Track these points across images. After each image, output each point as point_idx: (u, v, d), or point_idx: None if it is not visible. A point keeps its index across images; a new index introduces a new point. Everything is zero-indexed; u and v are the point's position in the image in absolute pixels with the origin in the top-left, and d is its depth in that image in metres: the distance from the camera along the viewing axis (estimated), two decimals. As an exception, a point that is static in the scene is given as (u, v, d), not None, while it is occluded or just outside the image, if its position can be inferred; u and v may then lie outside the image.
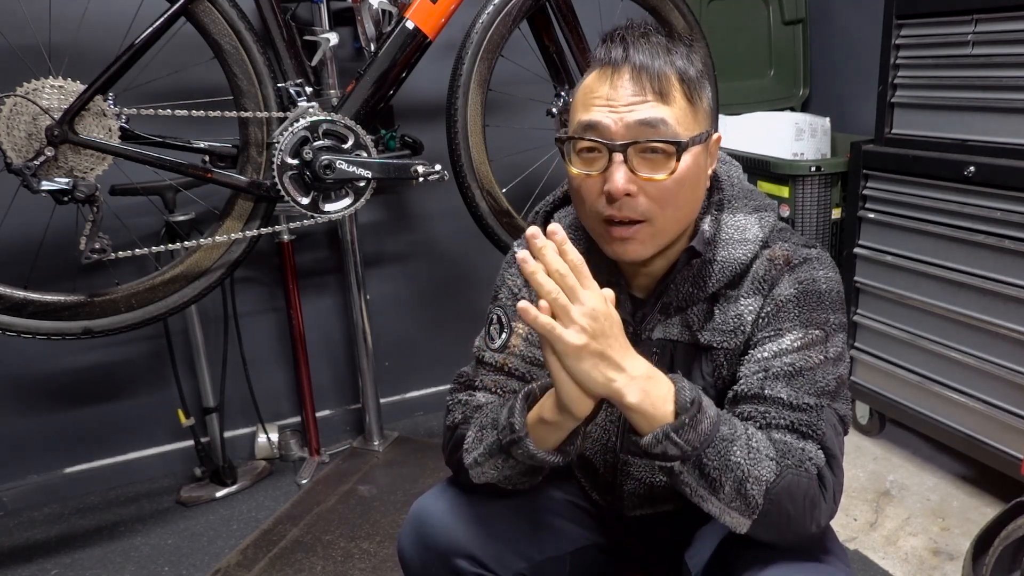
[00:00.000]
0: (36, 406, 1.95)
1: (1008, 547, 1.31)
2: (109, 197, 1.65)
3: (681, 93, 0.85)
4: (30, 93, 1.36)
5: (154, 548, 1.78)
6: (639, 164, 0.83)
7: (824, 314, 0.88)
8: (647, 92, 0.83)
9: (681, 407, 0.77)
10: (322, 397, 2.20)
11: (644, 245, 0.87)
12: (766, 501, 0.78)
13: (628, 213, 0.85)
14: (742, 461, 0.78)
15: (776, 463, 0.79)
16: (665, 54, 0.85)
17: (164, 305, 1.57)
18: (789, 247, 0.91)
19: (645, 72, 0.83)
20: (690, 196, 0.87)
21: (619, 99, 0.84)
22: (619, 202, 0.84)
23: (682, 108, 0.85)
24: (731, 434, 0.79)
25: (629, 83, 0.84)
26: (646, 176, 0.83)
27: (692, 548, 1.02)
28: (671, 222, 0.87)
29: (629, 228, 0.86)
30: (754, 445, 0.79)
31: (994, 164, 1.57)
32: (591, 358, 0.75)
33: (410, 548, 0.95)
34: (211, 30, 1.50)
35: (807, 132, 2.28)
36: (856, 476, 1.88)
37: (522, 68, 1.89)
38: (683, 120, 0.84)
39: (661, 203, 0.84)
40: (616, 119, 0.83)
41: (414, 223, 2.26)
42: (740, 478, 0.77)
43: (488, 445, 0.88)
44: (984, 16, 1.59)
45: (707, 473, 0.78)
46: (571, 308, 0.74)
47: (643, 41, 0.85)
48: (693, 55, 0.88)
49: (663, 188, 0.84)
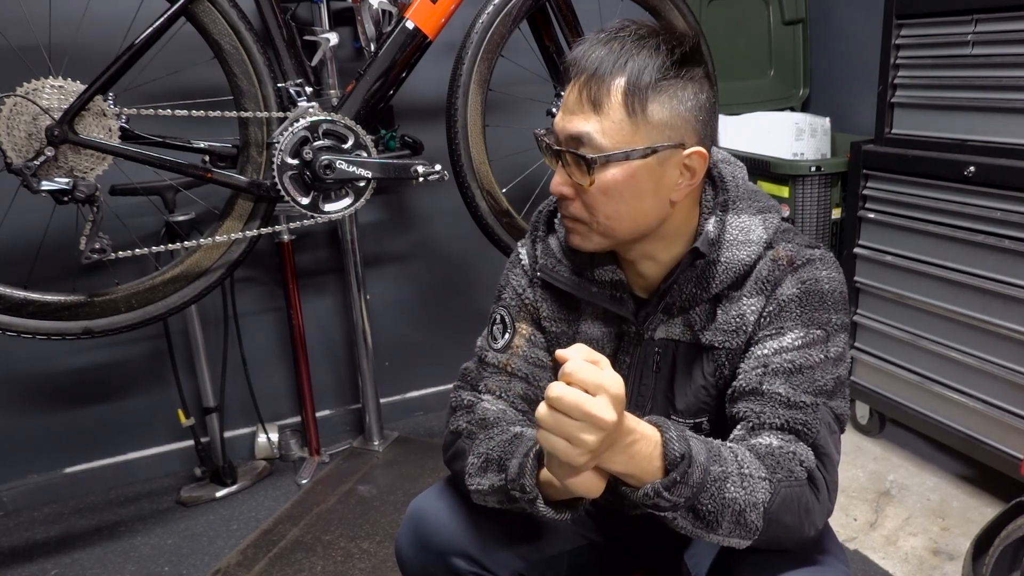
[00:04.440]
0: (36, 406, 1.95)
1: (1008, 547, 1.31)
2: (109, 197, 1.65)
3: (620, 104, 0.82)
4: (30, 93, 1.37)
5: (154, 548, 1.78)
6: (573, 170, 0.86)
7: (826, 314, 0.88)
8: (585, 103, 0.84)
9: (671, 463, 0.76)
10: (322, 397, 2.20)
11: (584, 239, 0.90)
12: (764, 521, 0.79)
13: (565, 211, 0.90)
14: (738, 496, 0.77)
15: (769, 482, 0.79)
16: (620, 60, 0.83)
17: (164, 305, 1.57)
18: (793, 248, 0.91)
19: (593, 81, 0.84)
20: (627, 207, 0.86)
21: (569, 106, 0.86)
22: (561, 201, 0.89)
23: (615, 121, 0.82)
24: (723, 472, 0.77)
25: (578, 91, 0.85)
26: (574, 181, 0.86)
27: (692, 548, 1.02)
28: (610, 225, 0.87)
29: (570, 223, 0.91)
30: (746, 472, 0.79)
31: (994, 164, 1.57)
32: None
33: (408, 548, 0.95)
34: (211, 30, 1.50)
35: (807, 132, 2.28)
36: (856, 476, 1.88)
37: (522, 68, 1.90)
38: (614, 133, 0.83)
39: (591, 209, 0.87)
40: (561, 127, 0.86)
41: (414, 223, 2.26)
42: (738, 511, 0.78)
43: (493, 486, 0.88)
44: (984, 16, 1.59)
45: (703, 516, 0.78)
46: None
47: (601, 48, 0.84)
48: (668, 62, 0.83)
49: (591, 194, 0.86)
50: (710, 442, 0.81)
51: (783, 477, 0.80)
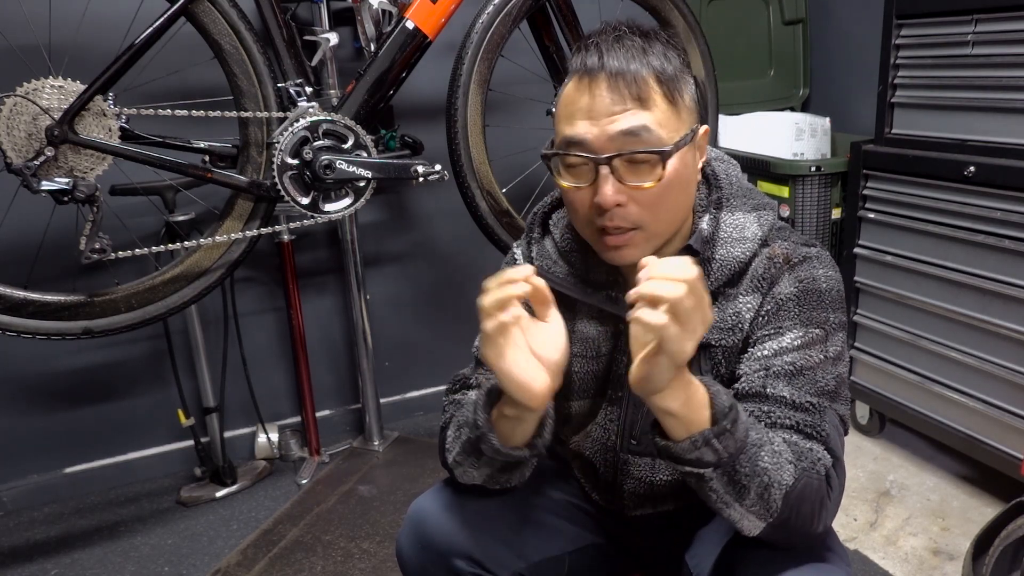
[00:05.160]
0: (36, 406, 1.95)
1: (1008, 547, 1.31)
2: (109, 197, 1.65)
3: (661, 95, 0.83)
4: (30, 93, 1.37)
5: (154, 548, 1.78)
6: (626, 174, 0.83)
7: (824, 313, 0.88)
8: (626, 100, 0.81)
9: (719, 412, 0.75)
10: (322, 397, 2.20)
11: (639, 249, 0.86)
12: (784, 505, 0.78)
13: (620, 222, 0.84)
14: (769, 467, 0.76)
15: (794, 466, 0.78)
16: (641, 56, 0.83)
17: (164, 305, 1.57)
18: (789, 245, 0.91)
19: (622, 78, 0.82)
20: (681, 197, 0.87)
21: (599, 110, 0.82)
22: (610, 212, 0.83)
23: (664, 111, 0.83)
24: (759, 439, 0.77)
25: (607, 92, 0.82)
26: (634, 185, 0.83)
27: (692, 548, 1.02)
28: (664, 224, 0.87)
29: (623, 236, 0.85)
30: (776, 449, 0.78)
31: (994, 164, 1.57)
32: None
33: (408, 548, 0.95)
34: (211, 30, 1.50)
35: (807, 132, 2.28)
36: (856, 476, 1.88)
37: (522, 68, 1.89)
38: (666, 123, 0.83)
39: (652, 209, 0.84)
40: (598, 132, 0.82)
41: (414, 223, 2.26)
42: (766, 484, 0.77)
43: (462, 443, 0.89)
44: (984, 16, 1.59)
45: (737, 480, 0.76)
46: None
47: (617, 46, 0.83)
48: (670, 51, 0.85)
49: (652, 195, 0.83)
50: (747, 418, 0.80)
51: (807, 467, 0.79)
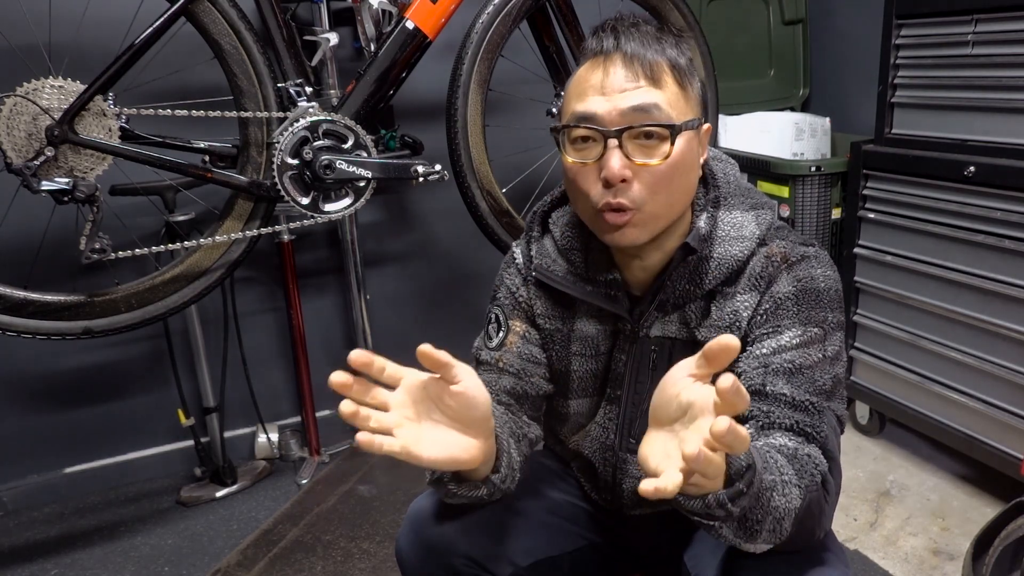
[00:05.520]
0: (36, 406, 1.95)
1: (1008, 547, 1.31)
2: (109, 197, 1.65)
3: (672, 79, 0.86)
4: (30, 93, 1.37)
5: (154, 548, 1.78)
6: (633, 150, 0.84)
7: (822, 312, 0.88)
8: (640, 77, 0.84)
9: (736, 472, 0.68)
10: (322, 397, 2.19)
11: (639, 230, 0.86)
12: (792, 527, 0.76)
13: (622, 199, 0.84)
14: (780, 504, 0.74)
15: (799, 488, 0.76)
16: (655, 42, 0.86)
17: (164, 305, 1.57)
18: (787, 245, 0.91)
19: (637, 59, 0.84)
20: (683, 182, 0.87)
21: (612, 86, 0.84)
22: (615, 188, 0.84)
23: (674, 93, 0.86)
24: (772, 482, 0.73)
25: (622, 69, 0.84)
26: (641, 162, 0.84)
27: (691, 548, 1.02)
28: (664, 207, 0.87)
29: (624, 215, 0.85)
30: (785, 479, 0.75)
31: (994, 164, 1.57)
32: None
33: (408, 548, 0.95)
34: (211, 30, 1.50)
35: (807, 132, 2.28)
36: (856, 476, 1.88)
37: (522, 68, 1.89)
38: (676, 104, 0.85)
39: (655, 189, 0.84)
40: (610, 106, 0.84)
41: (414, 223, 2.25)
42: (778, 519, 0.74)
43: (428, 479, 0.89)
44: (984, 16, 1.59)
45: (748, 526, 0.73)
46: None
47: (634, 30, 0.87)
48: (682, 44, 0.89)
49: (658, 173, 0.84)
50: (757, 447, 0.76)
51: (809, 483, 0.78)
